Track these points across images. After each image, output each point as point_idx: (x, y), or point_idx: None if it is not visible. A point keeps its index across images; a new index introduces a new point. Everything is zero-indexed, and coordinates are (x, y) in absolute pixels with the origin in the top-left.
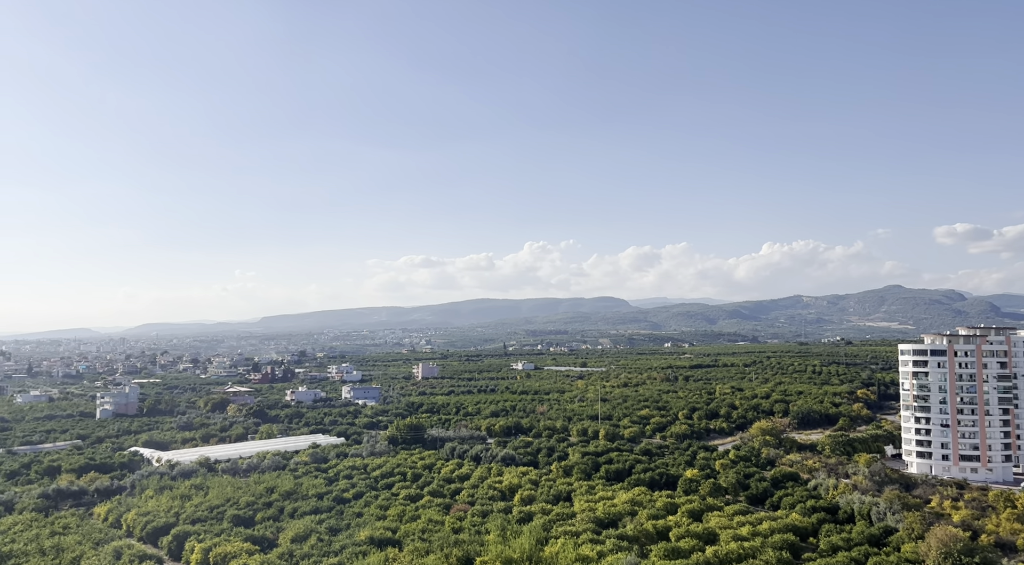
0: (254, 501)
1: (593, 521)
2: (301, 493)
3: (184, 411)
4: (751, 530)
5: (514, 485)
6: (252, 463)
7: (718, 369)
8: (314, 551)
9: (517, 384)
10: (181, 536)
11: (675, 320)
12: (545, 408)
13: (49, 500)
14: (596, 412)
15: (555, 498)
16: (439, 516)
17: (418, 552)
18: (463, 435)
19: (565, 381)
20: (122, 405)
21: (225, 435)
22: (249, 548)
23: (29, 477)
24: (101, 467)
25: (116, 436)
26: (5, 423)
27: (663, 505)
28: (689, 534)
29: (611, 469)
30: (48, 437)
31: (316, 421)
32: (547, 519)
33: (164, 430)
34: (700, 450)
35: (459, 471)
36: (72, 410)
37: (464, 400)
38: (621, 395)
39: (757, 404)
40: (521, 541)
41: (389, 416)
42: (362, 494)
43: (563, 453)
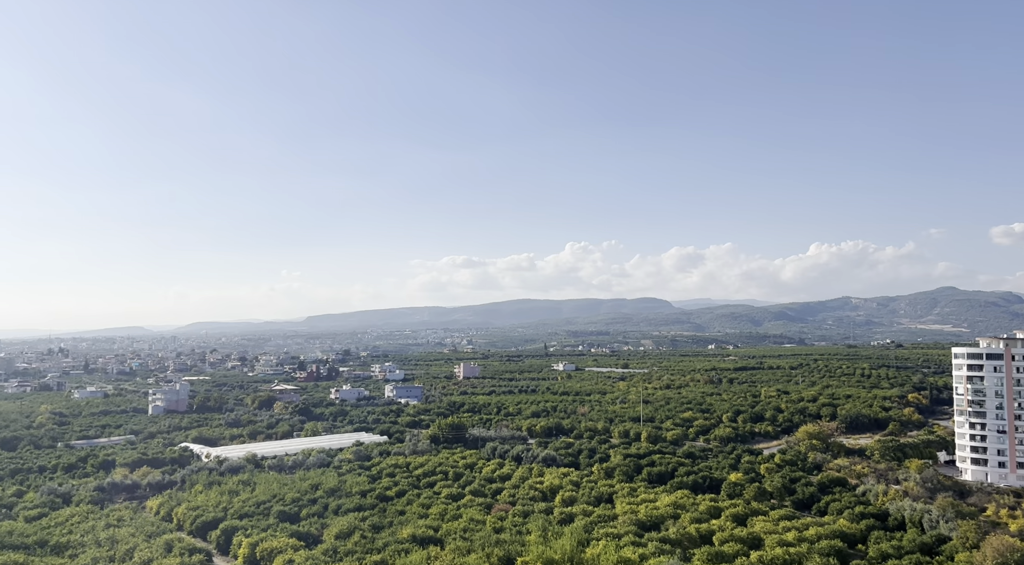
0: (299, 497)
1: (635, 523)
2: (345, 490)
3: (232, 408)
4: (797, 536)
5: (555, 486)
6: (297, 460)
7: (763, 372)
8: (357, 548)
9: (558, 385)
10: (229, 531)
11: (719, 322)
12: (586, 409)
13: (104, 493)
14: (638, 414)
15: (596, 500)
16: (480, 515)
17: (460, 551)
18: (504, 435)
19: (606, 382)
20: (173, 402)
21: (272, 432)
22: (294, 544)
23: (86, 470)
24: (153, 462)
25: (167, 432)
26: (64, 418)
27: (706, 509)
28: (733, 538)
29: (653, 471)
30: (103, 432)
31: (360, 419)
32: (588, 521)
33: (213, 426)
34: (744, 453)
35: (500, 471)
36: (126, 406)
37: (505, 400)
38: (664, 397)
39: (803, 407)
40: (562, 542)
41: (431, 415)
42: (404, 492)
43: (604, 455)
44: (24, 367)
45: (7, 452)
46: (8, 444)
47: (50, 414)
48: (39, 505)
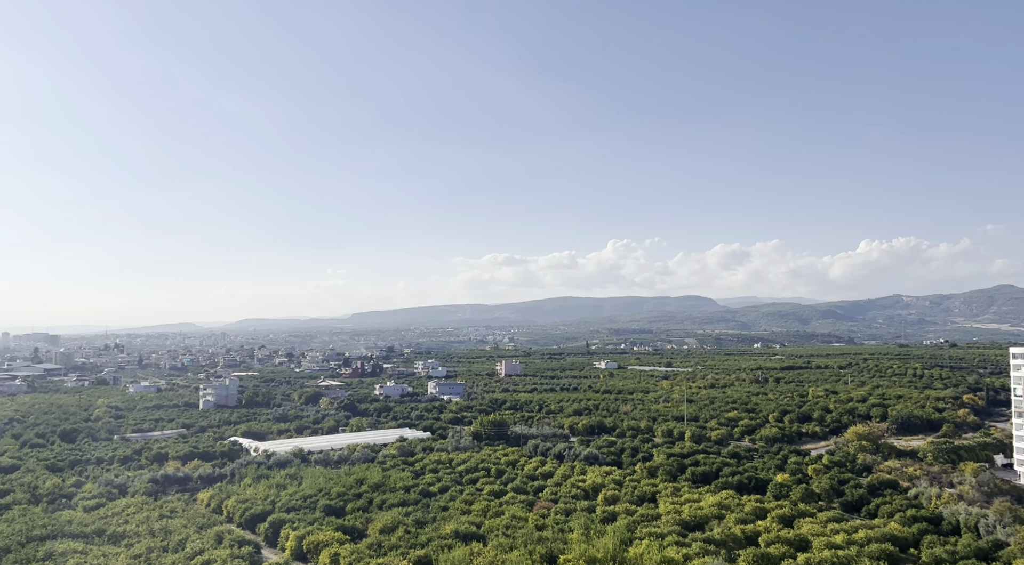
0: (345, 492)
1: (679, 523)
2: (389, 485)
3: (280, 403)
4: (846, 538)
5: (597, 484)
6: (343, 455)
7: (811, 371)
8: (401, 543)
9: (600, 383)
10: (277, 523)
11: (765, 320)
12: (629, 408)
13: (158, 485)
14: (682, 413)
15: (639, 499)
16: (523, 513)
17: (502, 548)
18: (546, 433)
19: (649, 381)
20: (223, 396)
21: (318, 427)
22: (340, 537)
23: (140, 463)
24: (204, 455)
25: (217, 426)
26: (119, 411)
27: (752, 509)
28: (779, 540)
29: (697, 471)
30: (156, 425)
31: (403, 415)
32: (631, 520)
33: (261, 421)
34: (791, 454)
35: (542, 469)
36: (178, 400)
37: (547, 398)
38: (708, 396)
39: (852, 408)
40: (605, 541)
41: (473, 412)
42: (447, 488)
43: (647, 454)
44: (82, 362)
45: (67, 444)
46: (68, 436)
47: (107, 408)
48: (97, 495)
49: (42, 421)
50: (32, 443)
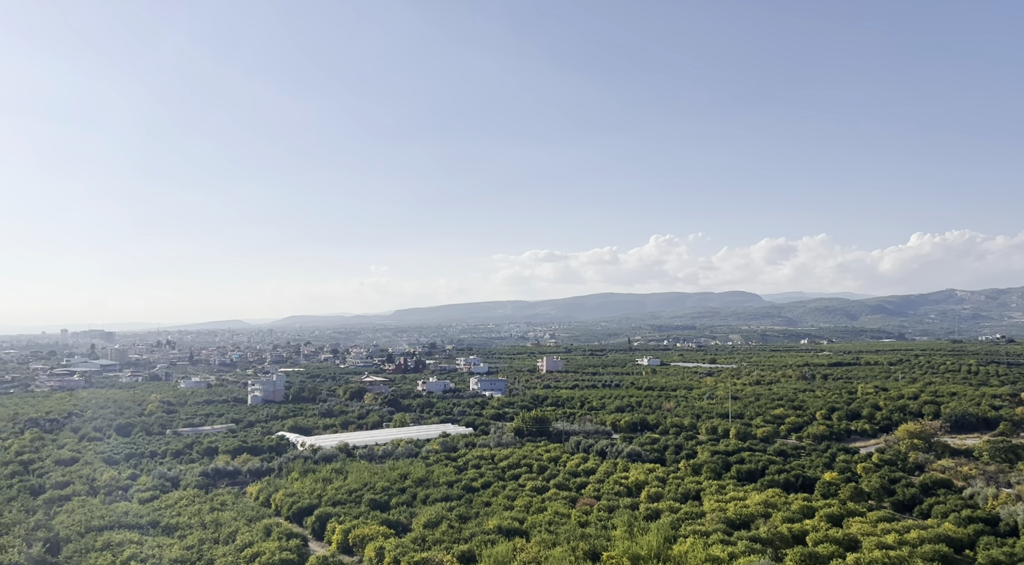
0: (389, 486)
1: (724, 521)
2: (432, 480)
3: (325, 399)
4: (897, 538)
5: (640, 482)
6: (387, 450)
7: (860, 367)
8: (445, 537)
9: (643, 380)
10: (323, 517)
11: (812, 316)
12: (672, 405)
13: (208, 478)
14: (726, 410)
15: (683, 496)
16: (565, 509)
17: (545, 543)
18: (588, 429)
19: (693, 378)
20: (270, 392)
21: (362, 422)
22: (385, 531)
23: (191, 456)
24: (252, 449)
25: (265, 421)
26: (171, 406)
27: (799, 508)
28: (828, 539)
29: (743, 469)
30: (207, 420)
31: (446, 411)
32: (675, 517)
33: (307, 416)
34: (839, 452)
35: (584, 465)
36: (227, 396)
37: (588, 394)
38: (753, 393)
39: (903, 405)
40: (648, 538)
41: (515, 408)
42: (490, 484)
43: (691, 451)
44: (136, 358)
45: (123, 438)
46: (123, 430)
47: (159, 402)
48: (151, 488)
49: (99, 415)
50: (90, 436)
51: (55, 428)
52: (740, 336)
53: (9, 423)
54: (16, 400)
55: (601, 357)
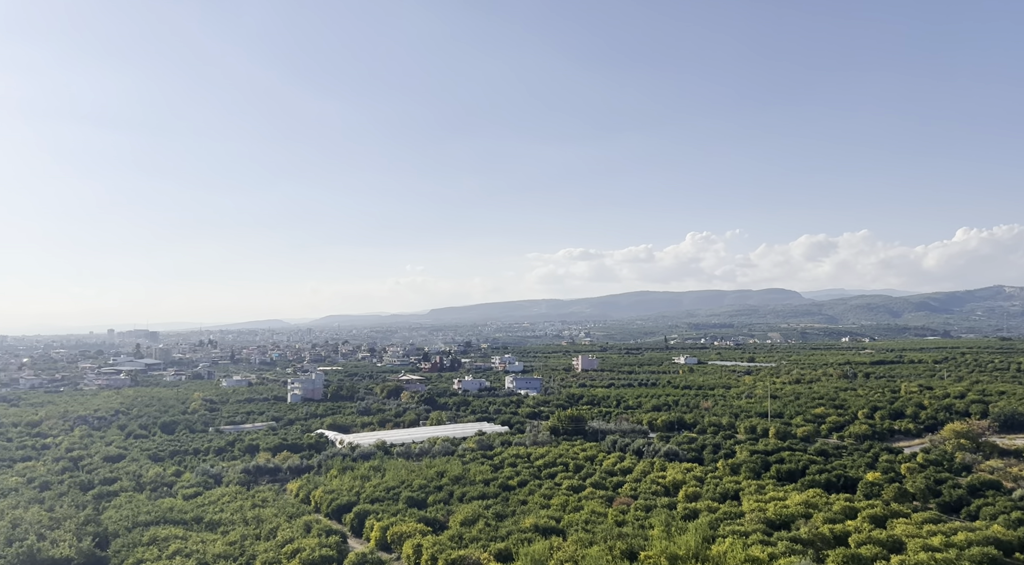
0: (426, 484)
1: (763, 522)
2: (469, 478)
3: (363, 397)
4: (943, 540)
5: (678, 481)
6: (423, 448)
7: (903, 366)
8: (482, 535)
9: (679, 379)
10: (361, 514)
11: (853, 313)
12: (710, 404)
13: (250, 475)
14: (765, 409)
15: (722, 496)
16: (602, 508)
17: (582, 542)
18: (624, 428)
19: (731, 376)
20: (309, 390)
21: (399, 420)
22: (422, 529)
23: (233, 454)
24: (292, 447)
25: (304, 419)
26: (213, 404)
27: (841, 509)
28: (871, 541)
29: (782, 469)
30: (248, 418)
31: (481, 409)
32: (713, 517)
33: (345, 414)
34: (882, 452)
35: (621, 464)
36: (267, 394)
37: (624, 393)
38: (793, 392)
39: (949, 404)
40: (687, 538)
41: (550, 407)
42: (526, 482)
43: (730, 450)
44: (179, 357)
45: (167, 435)
46: (168, 428)
47: (202, 401)
48: (195, 485)
49: (144, 413)
50: (136, 434)
51: (103, 425)
52: (779, 334)
53: (60, 420)
54: (66, 398)
55: (637, 356)
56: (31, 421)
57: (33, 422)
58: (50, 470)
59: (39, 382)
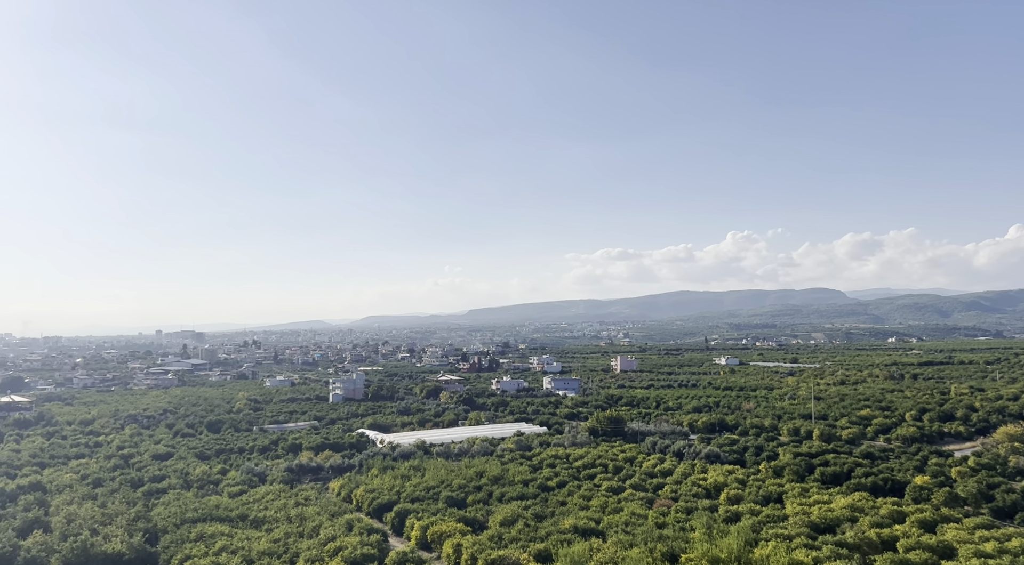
0: (465, 484)
1: (807, 525)
2: (508, 479)
3: (402, 397)
4: (997, 546)
5: (719, 483)
6: (463, 448)
7: (953, 367)
8: (521, 536)
9: (720, 380)
10: (402, 513)
11: (900, 313)
12: (752, 405)
13: (293, 474)
14: (809, 411)
15: (764, 499)
16: (642, 510)
17: (622, 544)
18: (664, 430)
19: (773, 377)
20: (350, 390)
21: (438, 420)
22: (462, 528)
23: (277, 453)
24: (334, 446)
25: (346, 419)
26: (258, 404)
27: (888, 513)
28: (920, 546)
29: (827, 471)
30: (291, 417)
31: (520, 410)
32: (756, 520)
33: (386, 414)
34: (931, 455)
35: (661, 466)
36: (309, 394)
37: (664, 394)
38: (837, 393)
39: (1002, 407)
40: (728, 541)
41: (589, 408)
42: (565, 483)
43: (772, 452)
44: (224, 357)
45: (213, 434)
46: (214, 427)
47: (247, 400)
48: (240, 483)
49: (191, 412)
50: (183, 432)
51: (152, 424)
52: (823, 335)
53: (111, 419)
54: (117, 397)
55: (677, 356)
56: (84, 419)
57: (86, 420)
58: (102, 467)
59: (91, 382)
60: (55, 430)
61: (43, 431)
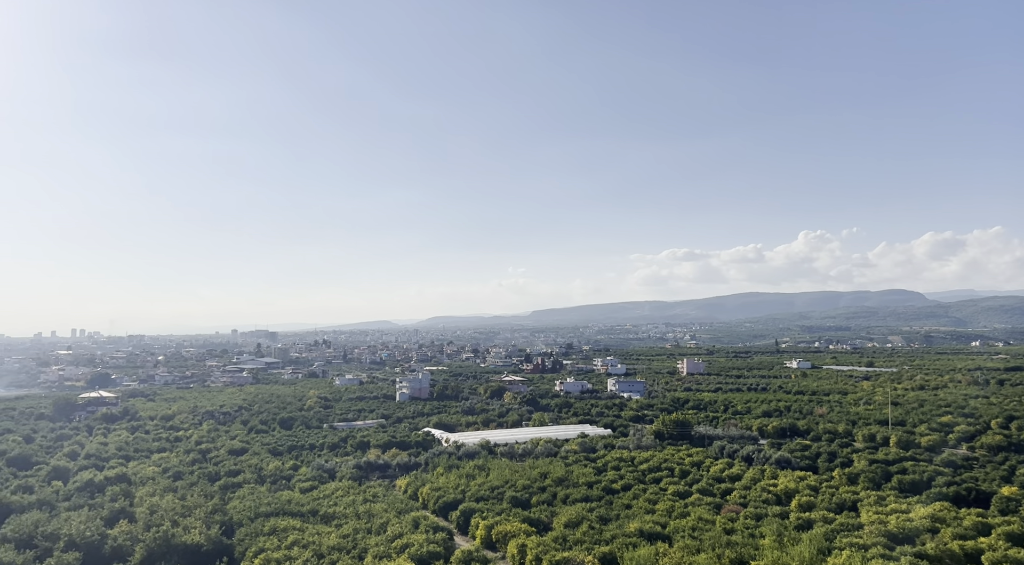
0: (529, 485)
1: (884, 535)
2: (572, 480)
3: (467, 397)
4: None
5: (790, 489)
6: (526, 448)
7: None
8: (586, 538)
9: (791, 384)
10: (467, 512)
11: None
12: (824, 410)
13: (361, 471)
14: (885, 417)
15: (838, 507)
16: (709, 515)
17: (689, 549)
18: (732, 434)
19: (848, 382)
20: (416, 389)
21: (502, 420)
22: (526, 529)
23: (346, 450)
24: (400, 444)
25: (412, 417)
26: (327, 402)
27: (972, 524)
28: (1008, 560)
29: (905, 479)
30: (359, 415)
31: (583, 412)
32: (829, 528)
33: (450, 413)
34: (1020, 465)
35: (729, 471)
36: (377, 392)
37: (732, 398)
38: (916, 399)
39: None
40: (800, 549)
41: (654, 410)
42: (630, 486)
43: (846, 459)
44: (296, 356)
45: (285, 431)
46: (286, 424)
47: (317, 398)
48: (310, 478)
49: (264, 409)
50: (257, 429)
51: (227, 420)
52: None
53: (190, 415)
54: (195, 394)
55: (746, 359)
56: (165, 415)
57: (167, 416)
58: (182, 461)
59: (172, 379)
60: (139, 425)
61: (128, 425)
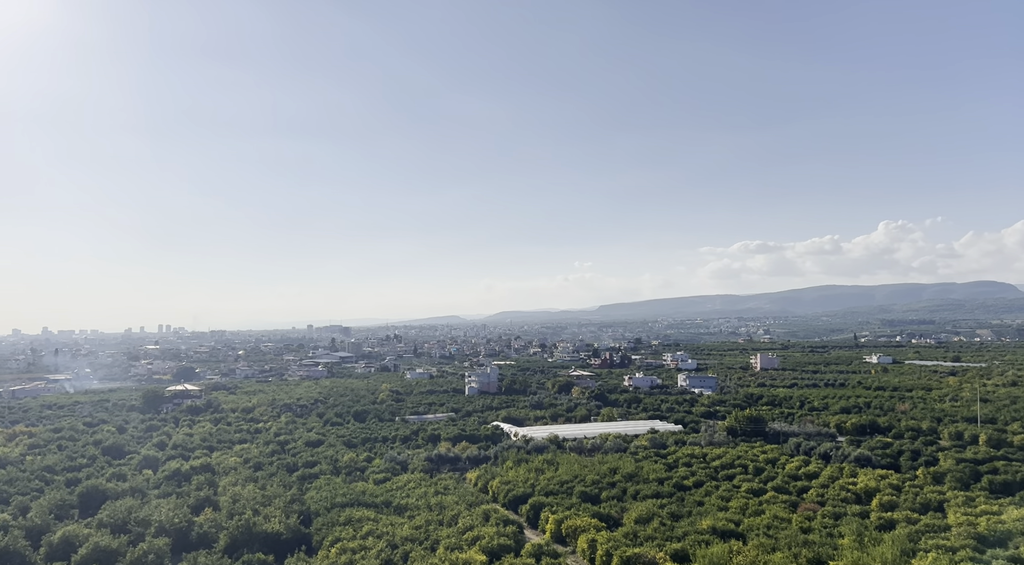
0: (599, 480)
1: (973, 537)
2: (642, 476)
3: (535, 391)
4: None
5: (871, 488)
6: (595, 444)
7: None
8: (657, 534)
9: (871, 379)
10: (536, 506)
11: None
12: (907, 407)
13: (432, 463)
14: (974, 414)
15: (923, 507)
16: (785, 513)
17: (764, 548)
18: (808, 431)
19: (932, 377)
20: (485, 384)
21: (570, 415)
22: (596, 524)
23: (417, 442)
24: (470, 438)
25: (481, 411)
26: (399, 395)
27: None
28: None
29: (996, 480)
30: (429, 409)
31: (653, 407)
32: (913, 529)
33: (519, 407)
34: None
35: (805, 469)
36: (447, 386)
37: (808, 394)
38: (1008, 395)
39: None
40: (882, 549)
41: (726, 406)
42: (702, 483)
43: (931, 457)
44: (368, 351)
45: (359, 423)
46: (359, 416)
47: (389, 392)
48: (384, 470)
49: (339, 403)
50: (332, 421)
51: (304, 413)
52: (990, 331)
53: (269, 408)
54: (274, 387)
55: (822, 354)
56: (246, 407)
57: (247, 408)
58: (262, 452)
59: (251, 372)
60: (221, 416)
61: (211, 417)
